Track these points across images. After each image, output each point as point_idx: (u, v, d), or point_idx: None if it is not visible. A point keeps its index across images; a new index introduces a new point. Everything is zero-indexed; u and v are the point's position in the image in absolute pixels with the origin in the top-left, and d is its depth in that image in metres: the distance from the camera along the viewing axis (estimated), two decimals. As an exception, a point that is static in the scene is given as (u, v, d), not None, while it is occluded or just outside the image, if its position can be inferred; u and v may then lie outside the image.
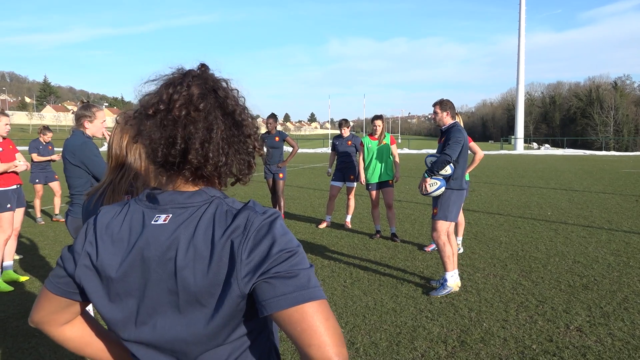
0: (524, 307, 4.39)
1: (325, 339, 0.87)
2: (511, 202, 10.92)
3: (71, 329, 1.12)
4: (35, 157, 8.48)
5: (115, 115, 1.88)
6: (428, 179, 4.78)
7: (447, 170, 4.72)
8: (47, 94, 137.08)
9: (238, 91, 1.04)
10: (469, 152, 5.81)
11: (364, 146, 7.35)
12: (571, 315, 4.19)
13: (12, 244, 5.29)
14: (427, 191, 4.77)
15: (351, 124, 8.40)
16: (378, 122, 7.24)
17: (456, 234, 6.42)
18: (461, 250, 6.35)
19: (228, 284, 0.91)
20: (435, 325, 4.00)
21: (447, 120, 4.91)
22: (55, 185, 8.91)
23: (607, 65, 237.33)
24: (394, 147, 7.28)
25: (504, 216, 9.06)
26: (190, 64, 1.04)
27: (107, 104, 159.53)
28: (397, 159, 7.29)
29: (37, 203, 8.77)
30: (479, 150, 6.13)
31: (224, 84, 1.02)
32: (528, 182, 15.54)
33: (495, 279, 5.20)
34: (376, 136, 7.24)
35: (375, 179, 7.22)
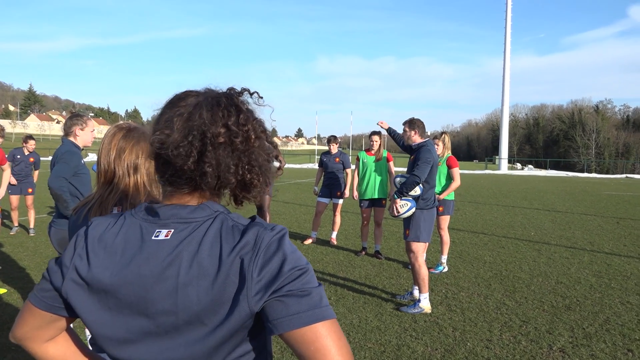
0: (508, 327, 4.40)
1: (338, 358, 0.86)
2: (495, 221, 11.01)
3: (55, 346, 1.07)
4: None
5: (107, 128, 1.87)
6: (398, 201, 4.75)
7: (417, 190, 4.75)
8: (31, 103, 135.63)
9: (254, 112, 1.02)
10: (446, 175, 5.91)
11: (359, 161, 7.34)
12: (554, 336, 4.21)
13: None
14: (398, 212, 4.76)
15: (339, 140, 8.42)
16: (375, 138, 7.21)
17: (441, 252, 6.45)
18: (446, 269, 6.37)
19: (236, 301, 0.88)
20: (419, 344, 3.99)
21: (415, 139, 4.94)
22: (28, 199, 8.56)
23: (589, 89, 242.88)
24: (391, 164, 7.26)
25: (488, 235, 9.12)
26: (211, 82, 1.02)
27: (92, 114, 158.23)
28: (392, 177, 7.27)
29: (14, 215, 8.49)
30: (457, 179, 6.24)
31: (248, 106, 1.00)
32: (512, 202, 15.70)
33: (480, 298, 5.22)
34: (373, 152, 7.24)
35: (368, 196, 7.18)
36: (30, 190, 8.58)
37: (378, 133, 7.27)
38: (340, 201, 7.96)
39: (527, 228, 10.12)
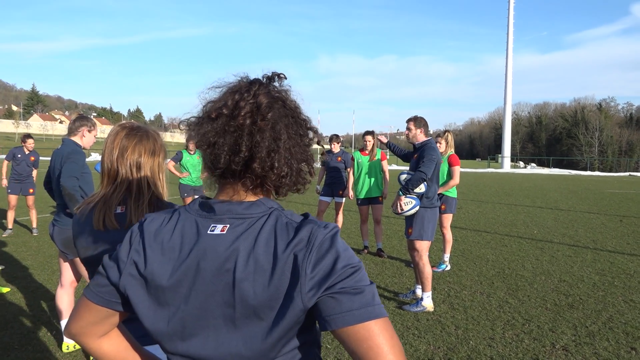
0: (511, 325, 4.39)
1: (391, 357, 0.86)
2: (498, 220, 10.99)
3: (108, 341, 1.08)
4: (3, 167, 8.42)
5: (110, 127, 1.87)
6: (403, 198, 4.69)
7: (421, 188, 4.70)
8: (34, 103, 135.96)
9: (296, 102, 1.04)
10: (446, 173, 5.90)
11: (354, 161, 7.37)
12: (557, 334, 4.20)
13: None
14: (402, 210, 4.69)
15: (341, 139, 8.43)
16: (368, 138, 7.24)
17: (443, 251, 6.44)
18: (448, 268, 6.36)
19: (290, 297, 0.90)
20: (422, 342, 3.99)
21: (420, 137, 4.88)
22: (29, 200, 8.51)
23: (592, 87, 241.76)
24: (384, 163, 7.30)
25: (491, 234, 9.11)
26: (253, 73, 1.04)
27: (95, 114, 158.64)
28: (386, 175, 7.31)
29: (10, 215, 8.34)
30: (456, 178, 6.19)
31: (290, 95, 1.02)
32: (515, 200, 15.67)
33: (482, 296, 5.21)
34: (367, 151, 7.26)
35: (363, 194, 7.23)
36: (31, 190, 8.52)
37: (371, 133, 7.30)
38: (343, 200, 7.95)
39: (530, 226, 10.10)
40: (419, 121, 4.89)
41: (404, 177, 4.87)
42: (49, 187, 3.82)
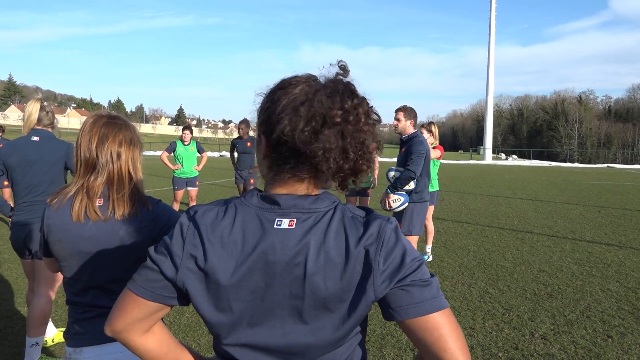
0: (491, 315, 4.45)
1: (458, 344, 0.93)
2: (479, 211, 11.10)
3: (152, 337, 1.07)
4: None
5: (85, 117, 1.81)
6: (391, 195, 4.63)
7: (411, 185, 4.65)
8: (11, 94, 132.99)
9: None
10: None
11: None
12: (536, 323, 4.26)
13: None
14: (391, 207, 4.64)
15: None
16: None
17: (425, 242, 6.48)
18: (430, 259, 6.40)
19: (363, 290, 0.94)
20: (402, 334, 4.00)
21: (409, 129, 4.74)
22: (5, 192, 8.16)
23: (572, 80, 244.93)
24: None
25: (472, 225, 9.20)
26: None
27: (75, 105, 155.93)
28: (376, 165, 7.30)
29: None
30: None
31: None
32: (496, 191, 15.84)
33: (463, 287, 5.26)
34: None
35: (351, 186, 7.22)
36: (5, 182, 8.34)
37: None
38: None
39: (511, 217, 10.22)
40: (408, 112, 4.73)
41: (392, 174, 4.74)
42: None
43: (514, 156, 59.53)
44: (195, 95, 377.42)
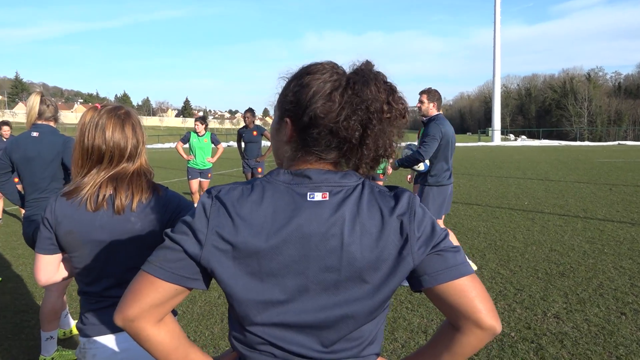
0: (503, 295, 4.44)
1: (490, 305, 0.99)
2: (489, 192, 11.04)
3: (165, 328, 1.02)
4: None
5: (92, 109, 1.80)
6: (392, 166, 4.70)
7: (420, 166, 4.61)
8: (19, 91, 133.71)
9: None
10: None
11: None
12: (548, 302, 4.25)
13: None
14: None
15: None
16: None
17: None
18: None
19: (401, 257, 0.97)
20: (415, 315, 4.02)
21: (432, 111, 4.69)
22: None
23: (580, 58, 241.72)
24: None
25: (482, 207, 9.15)
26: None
27: (82, 100, 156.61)
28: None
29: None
30: None
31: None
32: (505, 172, 15.74)
33: (474, 268, 5.25)
34: None
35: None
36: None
37: None
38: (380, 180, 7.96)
39: (521, 198, 10.16)
40: (432, 94, 4.69)
41: (405, 151, 4.74)
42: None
43: (523, 137, 59.07)
44: (201, 86, 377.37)
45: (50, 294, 3.25)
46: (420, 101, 4.75)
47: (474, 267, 4.72)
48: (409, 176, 6.74)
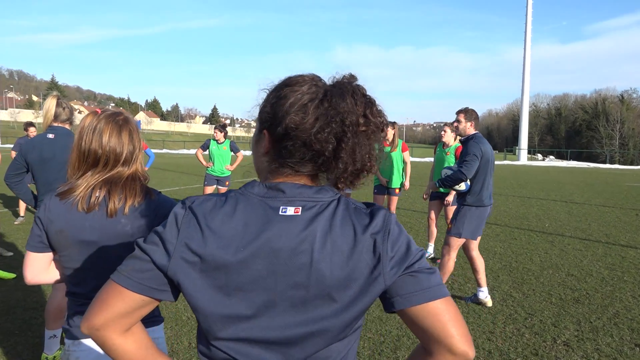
0: (512, 319, 4.32)
1: (463, 330, 0.95)
2: (509, 212, 10.83)
3: (132, 338, 1.01)
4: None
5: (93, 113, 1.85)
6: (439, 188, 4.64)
7: (461, 186, 4.53)
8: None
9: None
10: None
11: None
12: (559, 329, 4.12)
13: None
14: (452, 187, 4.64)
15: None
16: (387, 128, 7.13)
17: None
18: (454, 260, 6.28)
19: (372, 278, 0.95)
20: (420, 335, 3.94)
21: (470, 130, 4.63)
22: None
23: (613, 79, 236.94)
24: (406, 154, 7.14)
25: (501, 227, 8.98)
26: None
27: (113, 104, 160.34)
28: (408, 167, 7.14)
29: (22, 202, 8.45)
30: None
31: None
32: (528, 193, 15.44)
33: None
34: (388, 142, 7.14)
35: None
36: None
37: (391, 123, 7.17)
38: (350, 191, 7.88)
39: (542, 219, 9.94)
40: (470, 114, 4.65)
41: (445, 171, 4.73)
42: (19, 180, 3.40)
43: (552, 157, 57.99)
44: (229, 94, 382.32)
45: (56, 292, 3.29)
46: (458, 120, 4.69)
47: (485, 297, 4.59)
48: (425, 195, 6.66)
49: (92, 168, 1.72)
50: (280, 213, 0.97)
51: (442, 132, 6.34)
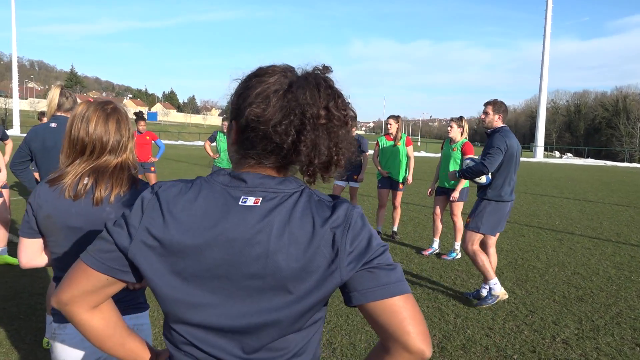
0: (513, 316, 4.30)
1: (420, 328, 0.94)
2: (520, 209, 10.72)
3: (100, 314, 1.05)
4: None
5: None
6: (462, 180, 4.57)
7: (482, 179, 4.43)
8: (73, 84, 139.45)
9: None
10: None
11: (378, 146, 7.27)
12: (560, 327, 4.09)
13: (4, 230, 5.39)
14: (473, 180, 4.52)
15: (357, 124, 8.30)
16: (391, 121, 7.08)
17: (454, 239, 6.33)
18: (459, 256, 6.26)
19: (328, 271, 0.94)
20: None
21: (497, 123, 4.51)
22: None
23: (635, 76, 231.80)
24: (409, 149, 7.12)
25: (510, 223, 8.89)
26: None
27: (131, 96, 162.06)
28: (411, 162, 7.13)
29: None
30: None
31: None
32: (541, 190, 15.26)
33: (489, 286, 5.10)
34: (391, 136, 7.13)
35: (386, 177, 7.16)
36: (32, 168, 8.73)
37: (395, 117, 7.15)
38: (358, 185, 7.89)
39: (553, 217, 9.83)
40: (498, 105, 4.52)
41: (467, 162, 4.62)
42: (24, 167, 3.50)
43: (569, 154, 57.17)
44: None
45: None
46: (485, 112, 4.57)
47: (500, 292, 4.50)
48: (430, 190, 6.63)
49: (80, 156, 1.76)
50: (240, 203, 0.97)
51: (449, 128, 6.30)
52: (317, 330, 1.05)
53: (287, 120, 0.94)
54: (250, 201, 0.97)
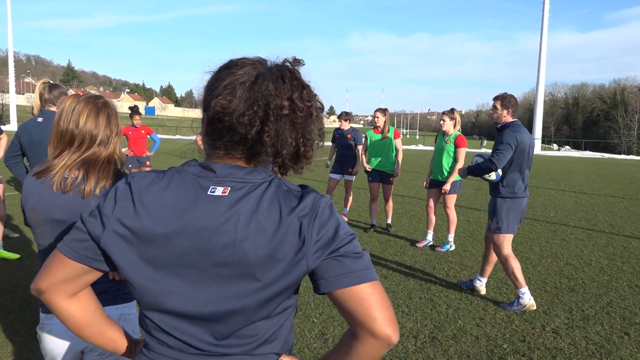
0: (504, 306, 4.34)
1: (387, 314, 0.96)
2: (516, 202, 10.75)
3: (77, 302, 1.08)
4: None
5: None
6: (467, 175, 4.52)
7: (492, 176, 4.33)
8: (70, 78, 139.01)
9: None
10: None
11: (366, 139, 7.29)
12: (550, 316, 4.13)
13: (0, 225, 5.40)
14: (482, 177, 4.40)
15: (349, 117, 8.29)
16: (378, 114, 7.13)
17: (448, 231, 6.36)
18: (452, 248, 6.30)
19: (295, 260, 0.96)
20: (409, 320, 3.98)
21: (506, 118, 4.40)
22: None
23: (633, 68, 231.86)
24: (397, 141, 7.14)
25: (505, 216, 8.93)
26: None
27: (128, 90, 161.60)
28: (399, 155, 7.16)
29: None
30: (461, 161, 6.07)
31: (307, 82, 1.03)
32: (537, 182, 15.30)
33: (481, 277, 5.14)
34: (379, 129, 7.15)
35: (374, 169, 7.19)
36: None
37: (382, 110, 7.17)
38: (352, 178, 7.92)
39: (548, 209, 9.87)
40: (507, 100, 4.40)
41: (476, 158, 4.51)
42: (17, 161, 3.58)
43: (567, 147, 57.23)
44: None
45: None
46: (494, 107, 4.47)
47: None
48: (425, 182, 6.66)
49: (69, 147, 1.77)
50: (208, 193, 0.99)
51: (442, 122, 6.32)
52: (288, 318, 1.07)
53: (251, 111, 0.95)
54: (219, 191, 0.99)
